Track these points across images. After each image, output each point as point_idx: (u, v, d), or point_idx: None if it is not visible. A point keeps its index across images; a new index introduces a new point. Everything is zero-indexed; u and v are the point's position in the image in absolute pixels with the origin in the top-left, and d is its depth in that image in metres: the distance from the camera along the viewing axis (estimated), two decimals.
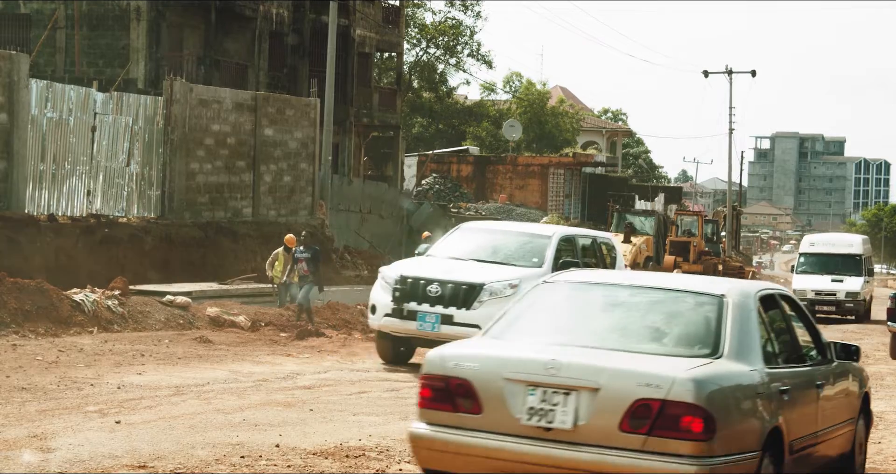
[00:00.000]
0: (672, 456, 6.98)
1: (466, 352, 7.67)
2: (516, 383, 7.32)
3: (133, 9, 37.27)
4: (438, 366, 7.59)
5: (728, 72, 62.86)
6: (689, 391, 7.00)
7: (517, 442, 7.25)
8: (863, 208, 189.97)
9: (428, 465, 7.65)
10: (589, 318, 8.13)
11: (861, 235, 45.54)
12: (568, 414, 7.18)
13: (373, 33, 49.95)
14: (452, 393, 7.49)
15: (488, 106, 71.03)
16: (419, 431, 7.61)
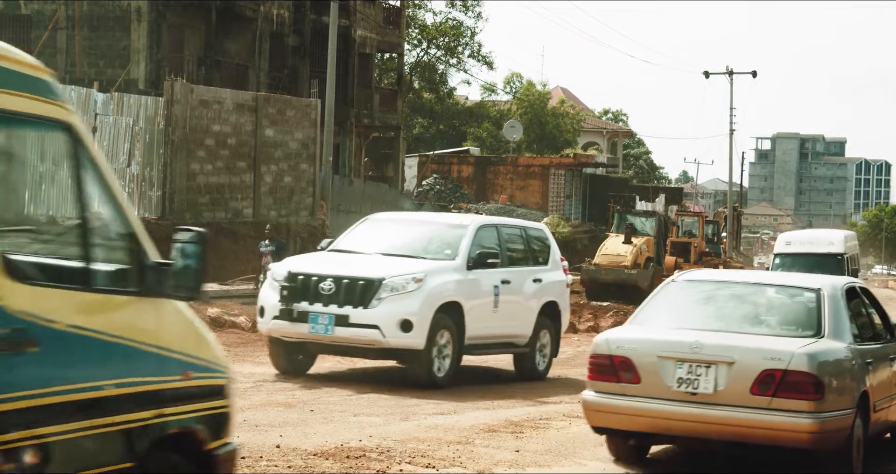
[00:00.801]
0: (792, 412, 9.29)
1: (626, 336, 10.05)
2: (668, 359, 9.63)
3: (134, 9, 37.29)
4: (604, 348, 9.93)
5: (729, 72, 62.90)
6: (804, 363, 9.31)
7: (669, 404, 9.59)
8: (863, 209, 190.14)
9: (596, 423, 10.07)
10: (714, 309, 10.48)
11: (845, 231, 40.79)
12: (710, 382, 9.49)
13: (373, 34, 49.97)
14: (616, 368, 9.78)
15: (489, 106, 71.05)
16: (589, 398, 9.98)
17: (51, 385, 4.96)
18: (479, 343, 15.42)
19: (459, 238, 15.56)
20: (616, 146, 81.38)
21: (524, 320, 16.31)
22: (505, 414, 13.16)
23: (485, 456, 10.30)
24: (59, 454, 4.96)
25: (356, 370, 16.86)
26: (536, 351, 16.63)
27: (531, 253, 16.95)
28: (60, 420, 5.01)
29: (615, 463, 10.56)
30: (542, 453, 10.82)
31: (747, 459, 10.54)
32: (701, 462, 11.03)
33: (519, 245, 16.88)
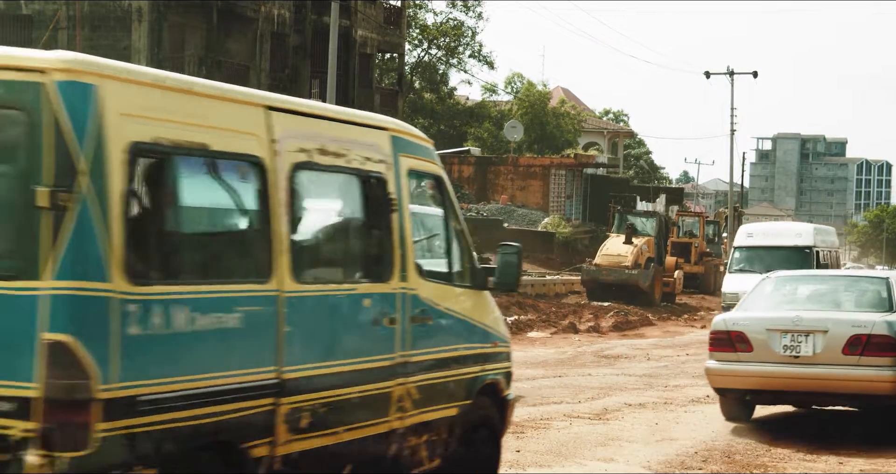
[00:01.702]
0: (876, 367, 12.14)
1: (739, 316, 12.98)
2: (774, 331, 12.51)
3: (135, 9, 37.30)
4: (722, 325, 12.87)
5: (729, 73, 62.86)
6: (885, 328, 12.20)
7: (777, 366, 12.45)
8: (864, 209, 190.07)
9: (717, 385, 12.98)
10: (805, 295, 13.45)
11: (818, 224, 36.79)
12: (809, 347, 12.36)
13: (374, 34, 49.97)
14: (733, 340, 12.66)
15: (489, 107, 71.05)
16: (711, 365, 12.92)
17: (437, 345, 7.85)
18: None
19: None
20: (617, 146, 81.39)
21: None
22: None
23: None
24: (437, 391, 7.78)
25: None
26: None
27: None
28: (441, 368, 7.85)
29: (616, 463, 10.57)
30: (542, 453, 10.83)
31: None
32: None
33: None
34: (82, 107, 5.31)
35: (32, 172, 5.24)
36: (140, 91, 5.70)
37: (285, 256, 6.37)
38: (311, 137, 6.79)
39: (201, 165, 6.09)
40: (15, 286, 5.21)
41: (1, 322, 5.23)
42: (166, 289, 5.63)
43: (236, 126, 6.24)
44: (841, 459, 11.64)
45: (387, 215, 7.40)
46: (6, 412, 5.15)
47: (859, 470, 11.12)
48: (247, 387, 6.08)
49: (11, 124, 5.33)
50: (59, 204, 5.16)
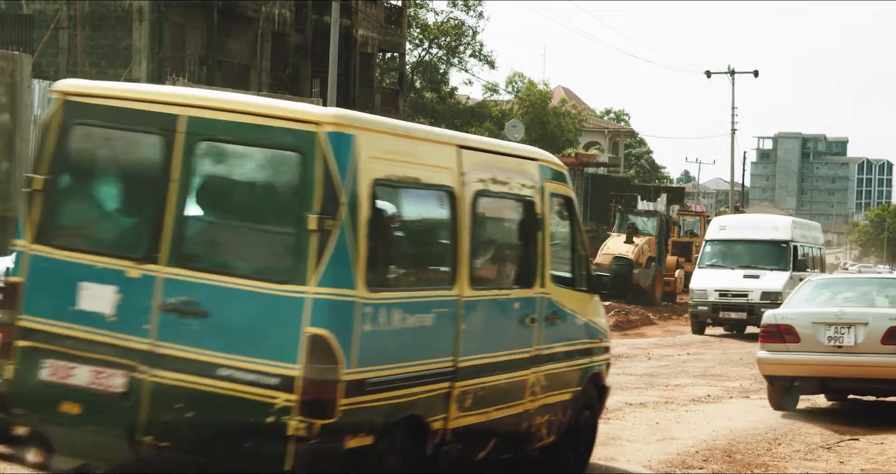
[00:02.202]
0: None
1: (788, 311, 14.42)
2: (820, 324, 13.94)
3: (135, 9, 37.30)
4: (772, 319, 14.31)
5: (730, 72, 62.84)
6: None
7: (823, 355, 13.87)
8: (865, 209, 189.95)
9: (767, 373, 14.42)
10: (845, 293, 14.85)
11: (795, 218, 33.93)
12: (851, 338, 13.82)
13: (375, 34, 49.97)
14: (782, 332, 14.09)
15: (490, 106, 71.01)
16: (763, 355, 14.30)
17: (562, 341, 9.35)
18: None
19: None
20: (618, 146, 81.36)
21: None
22: None
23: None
24: (559, 379, 9.29)
25: None
26: None
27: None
28: (563, 360, 9.38)
29: (617, 463, 10.56)
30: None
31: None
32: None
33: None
34: (345, 152, 6.78)
35: (305, 202, 6.69)
36: (379, 138, 7.14)
37: (465, 267, 7.90)
38: (487, 169, 8.28)
39: (415, 196, 7.65)
40: (287, 289, 6.68)
41: (274, 316, 6.70)
42: (389, 295, 7.12)
43: (438, 162, 7.76)
44: (841, 459, 11.65)
45: (535, 232, 8.92)
46: (273, 385, 6.62)
47: (860, 470, 11.13)
48: (433, 373, 7.60)
49: (290, 163, 6.84)
50: (324, 228, 6.66)
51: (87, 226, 7.51)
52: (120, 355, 6.95)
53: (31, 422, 7.12)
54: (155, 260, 6.99)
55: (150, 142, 7.18)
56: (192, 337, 6.82)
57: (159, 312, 6.91)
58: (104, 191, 7.59)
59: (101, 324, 7.04)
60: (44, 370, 7.13)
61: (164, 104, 7.13)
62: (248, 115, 6.98)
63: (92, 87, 7.53)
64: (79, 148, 7.42)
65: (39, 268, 7.29)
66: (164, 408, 6.83)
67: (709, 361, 21.04)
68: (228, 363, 6.74)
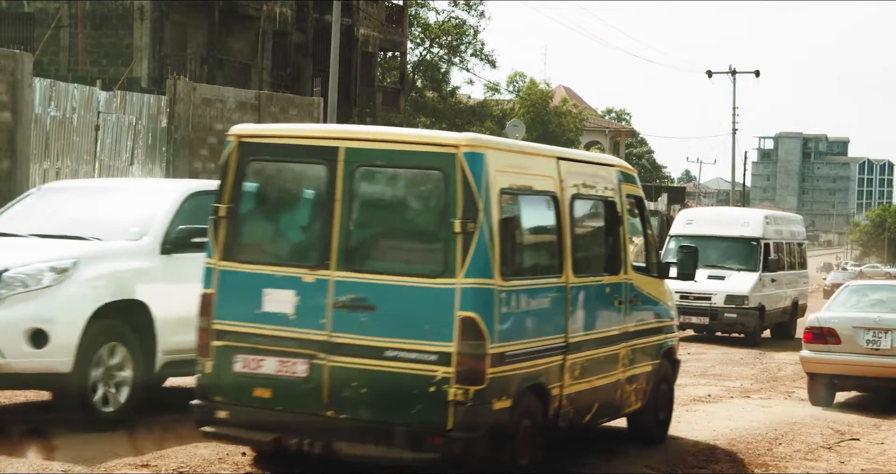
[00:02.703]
0: None
1: (830, 315, 15.80)
2: (859, 329, 15.42)
3: (137, 8, 37.29)
4: (816, 322, 15.75)
5: (732, 72, 62.84)
6: None
7: (861, 356, 15.36)
8: (866, 208, 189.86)
9: (810, 370, 15.82)
10: (881, 300, 16.19)
11: (770, 211, 30.39)
12: (888, 342, 15.30)
13: (376, 33, 49.95)
14: (825, 334, 15.56)
15: (492, 106, 70.99)
16: (806, 354, 15.73)
17: (642, 320, 10.96)
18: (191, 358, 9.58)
19: (154, 212, 11.33)
20: (619, 145, 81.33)
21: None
22: None
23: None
24: (642, 352, 10.96)
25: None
26: None
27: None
28: (644, 336, 11.02)
29: (618, 462, 10.55)
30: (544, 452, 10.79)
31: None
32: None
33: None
34: (479, 167, 8.30)
35: (449, 210, 8.23)
36: (501, 155, 8.67)
37: (569, 258, 9.49)
38: (578, 176, 9.93)
39: (529, 200, 9.17)
40: (440, 282, 8.20)
41: (430, 304, 8.21)
42: (517, 283, 8.63)
43: (543, 172, 9.37)
44: (842, 459, 11.64)
45: (617, 227, 10.56)
46: (433, 361, 8.14)
47: (860, 470, 11.12)
48: (551, 348, 9.17)
49: (436, 179, 8.33)
50: (467, 230, 8.20)
51: (266, 243, 9.04)
52: (301, 346, 8.47)
53: (229, 408, 8.63)
54: (326, 266, 8.51)
55: (315, 170, 8.72)
56: (361, 327, 8.34)
57: (332, 309, 8.45)
58: (278, 213, 9.14)
59: (284, 322, 8.54)
60: (237, 363, 8.65)
61: (325, 139, 8.74)
62: (396, 143, 8.57)
63: (262, 129, 9.21)
64: (254, 179, 8.92)
65: (228, 281, 8.78)
66: (342, 387, 8.35)
67: (709, 361, 21.02)
68: (394, 346, 8.27)
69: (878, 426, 14.19)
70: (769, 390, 17.26)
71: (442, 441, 8.16)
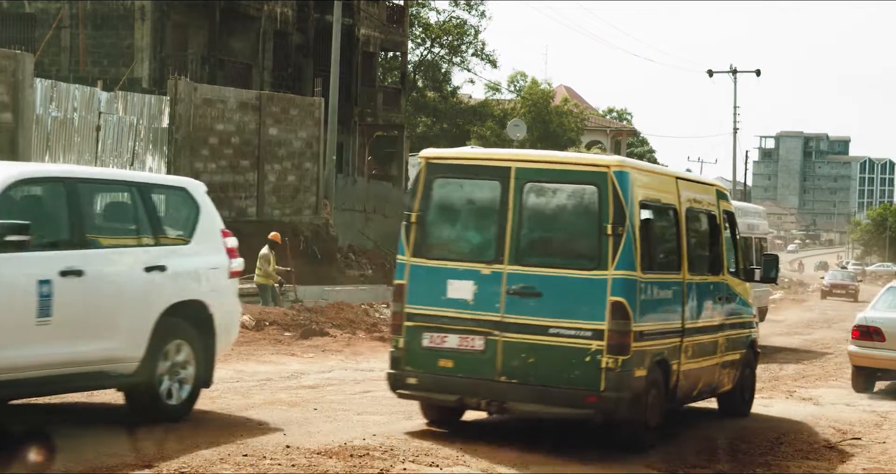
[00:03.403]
0: None
1: (876, 315, 17.47)
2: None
3: (137, 8, 37.29)
4: (863, 321, 17.48)
5: (733, 71, 62.82)
6: None
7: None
8: (867, 207, 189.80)
9: (857, 364, 17.55)
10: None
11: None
12: None
13: (377, 33, 49.94)
14: (871, 332, 17.27)
15: (492, 105, 70.96)
16: (853, 349, 17.53)
17: (734, 314, 13.00)
18: (11, 379, 9.23)
19: None
20: (620, 145, 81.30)
21: (122, 334, 10.32)
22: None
23: (488, 455, 10.30)
24: (734, 342, 12.99)
25: (359, 369, 16.84)
26: (164, 378, 10.77)
27: (150, 224, 11.01)
28: (736, 328, 13.07)
29: (619, 462, 10.56)
30: (545, 452, 10.81)
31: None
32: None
33: (119, 212, 11.09)
34: (625, 183, 10.55)
35: (603, 216, 10.46)
36: (640, 174, 10.93)
37: (685, 259, 11.76)
38: (690, 193, 12.20)
39: (658, 211, 11.39)
40: (595, 273, 10.41)
41: (586, 291, 10.41)
42: (651, 276, 10.87)
43: (668, 189, 11.61)
44: (843, 458, 11.64)
45: (717, 236, 12.83)
46: (589, 336, 10.33)
47: (862, 469, 11.12)
48: (673, 331, 11.36)
49: (591, 192, 10.55)
50: (617, 232, 10.42)
51: (449, 243, 11.13)
52: (479, 326, 10.67)
53: (418, 375, 10.85)
54: (500, 261, 10.73)
55: (491, 185, 10.91)
56: (529, 309, 10.54)
57: (505, 295, 10.66)
58: (459, 219, 11.23)
59: (465, 306, 10.74)
60: (424, 340, 10.86)
61: (499, 160, 11.05)
62: (558, 163, 10.90)
63: (446, 152, 11.57)
64: (439, 192, 11.10)
65: (417, 273, 10.97)
66: (512, 357, 10.57)
67: None
68: (557, 325, 10.47)
69: (879, 425, 14.19)
70: (770, 389, 17.26)
71: (596, 399, 10.35)
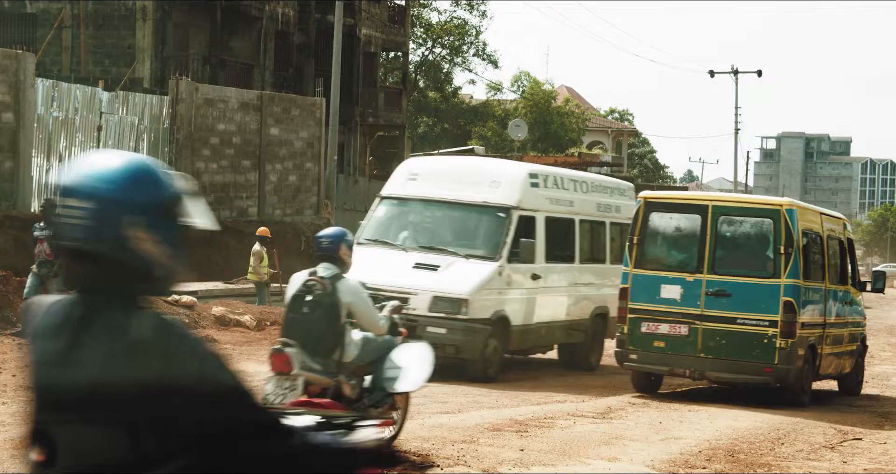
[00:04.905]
0: None
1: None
2: None
3: (139, 8, 37.30)
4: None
5: (734, 72, 62.79)
6: None
7: None
8: (868, 208, 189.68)
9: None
10: None
11: (533, 166, 18.96)
12: None
13: (378, 33, 49.95)
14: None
15: (494, 106, 70.97)
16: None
17: (852, 315, 17.48)
18: None
19: None
20: (621, 145, 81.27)
21: None
22: (509, 413, 13.16)
23: (489, 455, 10.30)
24: (852, 335, 17.45)
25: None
26: None
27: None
28: (854, 326, 17.44)
29: (620, 462, 10.57)
30: (546, 452, 10.82)
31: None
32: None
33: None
34: (793, 217, 14.97)
35: (777, 240, 14.85)
36: (802, 210, 15.57)
37: (826, 272, 16.02)
38: (829, 224, 16.73)
39: (811, 237, 15.54)
40: (771, 281, 14.73)
41: (766, 293, 14.75)
42: (809, 284, 15.09)
43: (815, 221, 16.13)
44: (844, 458, 11.64)
45: (845, 256, 17.24)
46: (766, 325, 14.69)
47: (863, 470, 11.12)
48: (819, 324, 15.58)
49: (768, 223, 14.99)
50: (787, 252, 14.72)
51: (661, 258, 15.60)
52: (684, 317, 15.07)
53: (637, 352, 15.31)
54: (701, 271, 15.22)
55: (693, 217, 15.46)
56: (722, 306, 14.78)
57: (704, 296, 15.04)
58: (669, 240, 15.73)
59: (674, 303, 15.19)
60: (643, 327, 15.33)
61: (700, 200, 15.94)
62: (743, 203, 15.97)
63: (661, 193, 17.63)
64: (654, 221, 15.64)
65: (637, 280, 15.44)
66: (709, 340, 14.93)
67: None
68: (743, 316, 14.85)
69: (880, 426, 14.19)
70: (771, 390, 17.26)
71: (771, 370, 14.71)
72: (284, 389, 8.89)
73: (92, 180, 2.79)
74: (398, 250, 16.57)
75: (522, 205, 17.05)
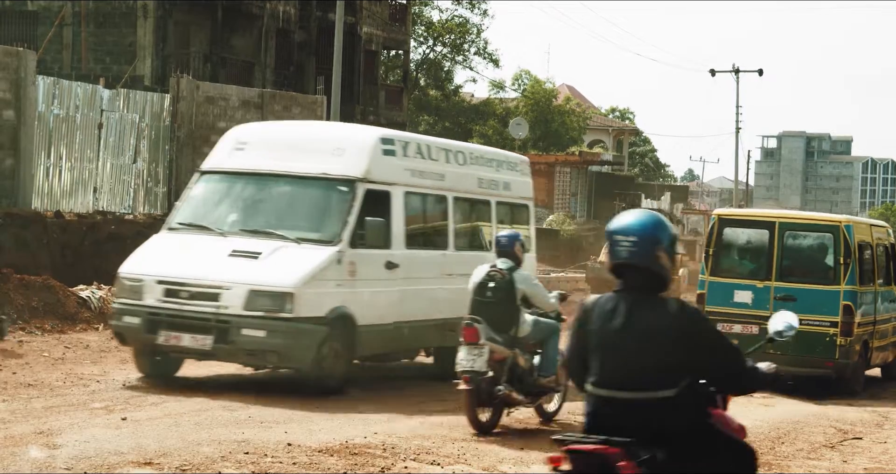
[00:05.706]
0: None
1: None
2: None
3: (140, 6, 37.30)
4: None
5: (735, 71, 62.78)
6: None
7: None
8: (869, 208, 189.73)
9: None
10: None
11: (402, 133, 16.06)
12: None
13: (380, 31, 49.94)
14: None
15: (495, 104, 70.96)
16: None
17: (891, 312, 18.64)
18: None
19: None
20: (622, 144, 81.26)
21: None
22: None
23: (490, 454, 10.30)
24: (892, 329, 18.90)
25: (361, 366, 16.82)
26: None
27: None
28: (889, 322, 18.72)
29: None
30: (546, 450, 10.80)
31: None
32: None
33: None
34: (850, 232, 16.86)
35: (836, 252, 16.82)
36: (857, 225, 17.82)
37: (877, 276, 17.79)
38: (877, 233, 18.43)
39: (864, 248, 17.48)
40: (831, 287, 16.76)
41: (827, 298, 16.71)
42: (863, 288, 17.25)
43: (867, 232, 17.99)
44: (844, 458, 11.64)
45: (890, 260, 18.80)
46: (828, 325, 16.61)
47: (863, 469, 11.12)
48: (870, 322, 17.38)
49: (828, 237, 17.20)
50: (846, 262, 16.65)
51: (734, 267, 17.46)
52: (755, 319, 16.31)
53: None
54: (769, 279, 16.92)
55: (762, 232, 17.25)
56: (789, 309, 14.41)
57: (773, 300, 16.52)
58: (741, 252, 17.77)
59: (745, 307, 16.81)
60: (717, 327, 14.02)
61: (768, 217, 17.57)
62: (807, 220, 17.77)
63: (733, 210, 19.96)
64: (727, 235, 17.51)
65: (713, 286, 17.14)
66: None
67: None
68: (807, 318, 15.26)
69: (880, 425, 14.19)
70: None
71: (832, 364, 16.36)
72: (473, 355, 11.07)
73: (636, 225, 5.11)
74: (215, 236, 13.43)
75: (371, 177, 13.68)
